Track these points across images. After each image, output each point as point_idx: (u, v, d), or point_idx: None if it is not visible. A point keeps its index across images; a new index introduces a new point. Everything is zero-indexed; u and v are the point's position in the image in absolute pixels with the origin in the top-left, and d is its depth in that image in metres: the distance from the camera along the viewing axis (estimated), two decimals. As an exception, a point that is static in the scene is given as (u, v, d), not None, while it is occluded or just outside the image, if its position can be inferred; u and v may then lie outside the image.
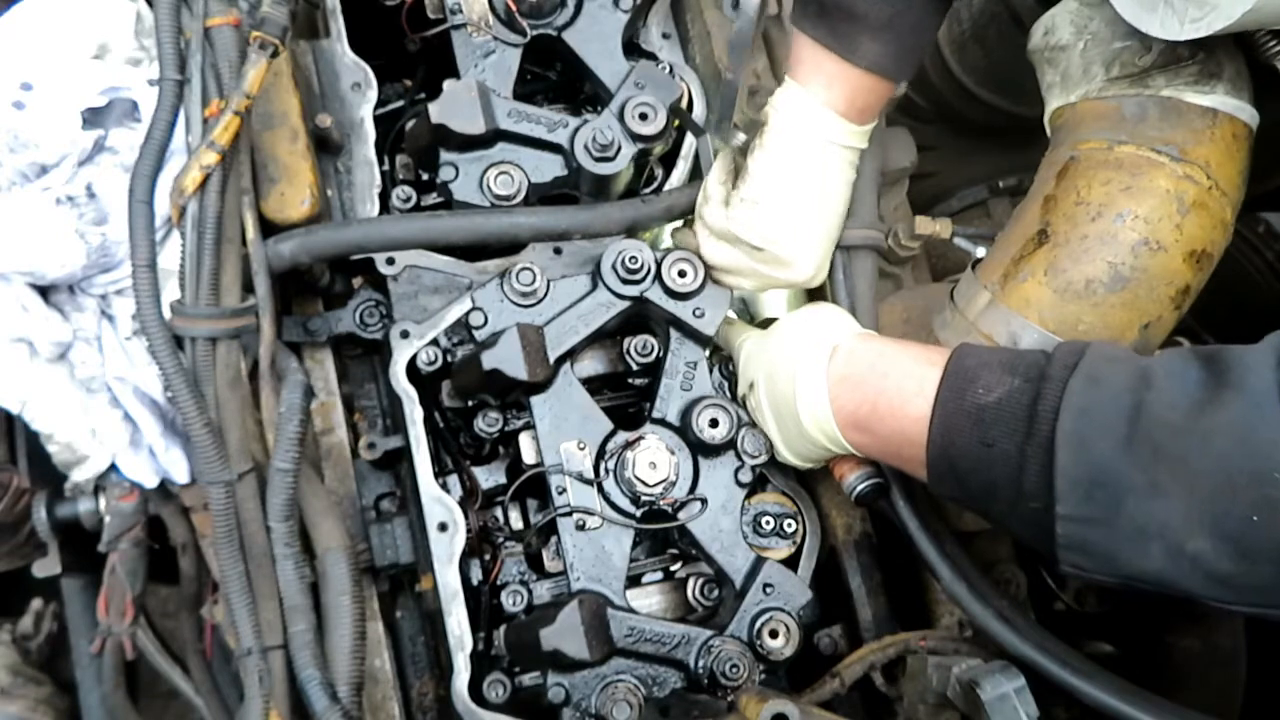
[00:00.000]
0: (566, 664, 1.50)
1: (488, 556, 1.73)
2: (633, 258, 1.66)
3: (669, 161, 1.88)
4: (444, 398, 1.76)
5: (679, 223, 1.82)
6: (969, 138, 2.23)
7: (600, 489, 1.64)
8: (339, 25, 1.87)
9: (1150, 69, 1.37)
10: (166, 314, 1.47)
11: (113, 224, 1.55)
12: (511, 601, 1.67)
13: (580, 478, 1.63)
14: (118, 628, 1.72)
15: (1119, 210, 1.36)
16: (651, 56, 1.94)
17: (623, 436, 1.66)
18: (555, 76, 2.01)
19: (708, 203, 1.65)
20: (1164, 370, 1.12)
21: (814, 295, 1.89)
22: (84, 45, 1.61)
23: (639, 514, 1.64)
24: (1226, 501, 1.04)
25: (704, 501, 1.65)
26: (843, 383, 1.41)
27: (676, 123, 1.79)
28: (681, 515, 1.64)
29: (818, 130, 1.55)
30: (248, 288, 1.56)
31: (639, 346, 1.76)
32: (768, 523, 1.68)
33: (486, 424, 1.71)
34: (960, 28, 1.99)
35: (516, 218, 1.65)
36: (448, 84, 1.70)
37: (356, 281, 1.87)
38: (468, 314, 1.69)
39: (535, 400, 1.65)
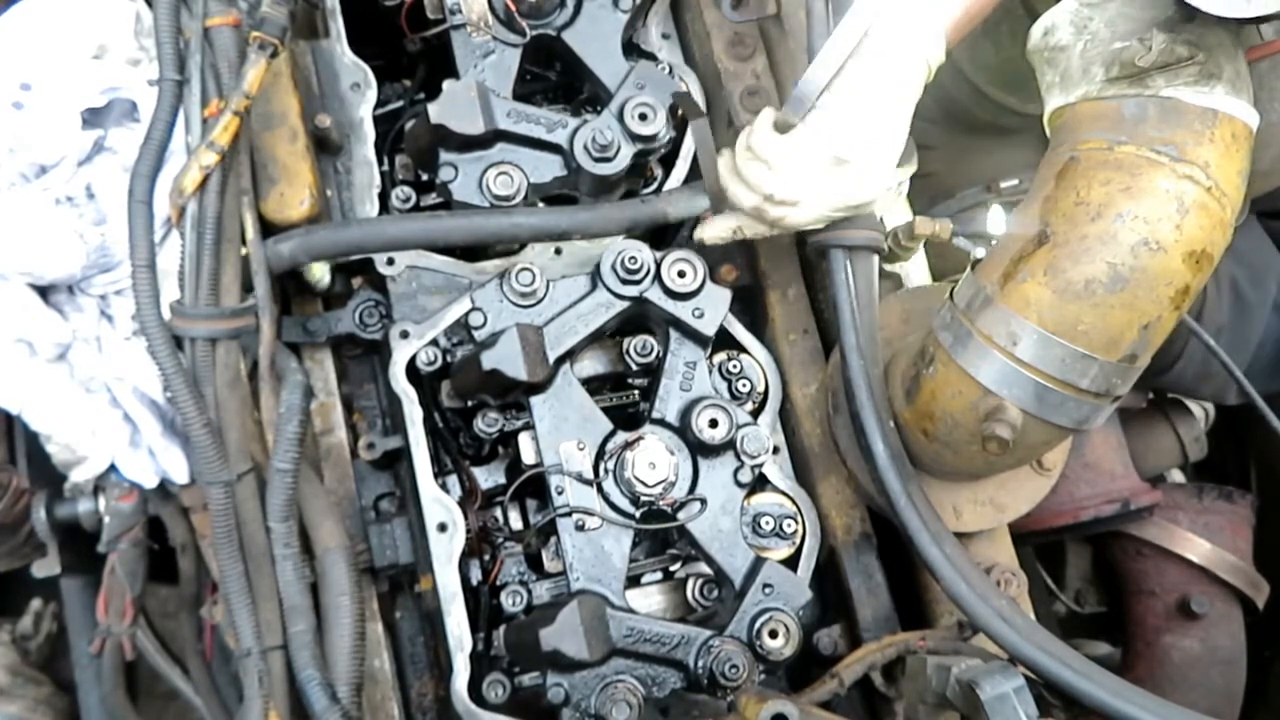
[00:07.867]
0: (566, 664, 1.50)
1: (487, 556, 1.73)
2: (632, 258, 1.66)
3: (669, 161, 1.88)
4: (443, 398, 1.76)
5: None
6: (973, 137, 2.22)
7: (600, 489, 1.64)
8: (339, 25, 1.87)
9: (1150, 69, 1.37)
10: (166, 314, 1.47)
11: (112, 224, 1.55)
12: (511, 602, 1.67)
13: (580, 478, 1.63)
14: (117, 628, 1.72)
15: (1119, 210, 1.36)
16: (651, 56, 1.93)
17: (622, 437, 1.66)
18: (555, 77, 2.00)
19: (755, 133, 1.59)
20: None
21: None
22: (84, 45, 1.61)
23: (638, 514, 1.64)
24: None
25: (703, 502, 1.65)
26: None
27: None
28: (681, 515, 1.64)
29: (917, 46, 1.52)
30: (247, 288, 1.56)
31: (639, 346, 1.76)
32: (767, 523, 1.68)
33: (486, 424, 1.71)
34: (971, 25, 1.98)
35: (516, 218, 1.65)
36: (447, 84, 1.70)
37: (356, 281, 1.87)
38: (467, 314, 1.68)
39: (535, 400, 1.65)
